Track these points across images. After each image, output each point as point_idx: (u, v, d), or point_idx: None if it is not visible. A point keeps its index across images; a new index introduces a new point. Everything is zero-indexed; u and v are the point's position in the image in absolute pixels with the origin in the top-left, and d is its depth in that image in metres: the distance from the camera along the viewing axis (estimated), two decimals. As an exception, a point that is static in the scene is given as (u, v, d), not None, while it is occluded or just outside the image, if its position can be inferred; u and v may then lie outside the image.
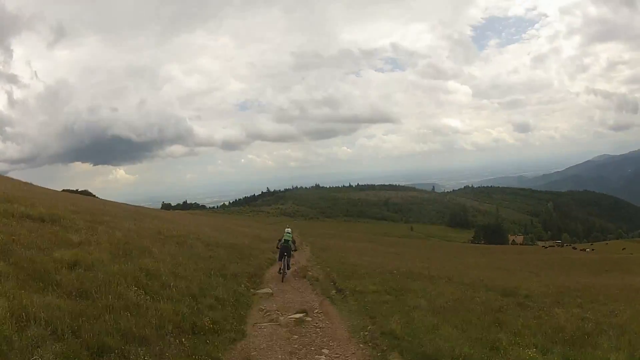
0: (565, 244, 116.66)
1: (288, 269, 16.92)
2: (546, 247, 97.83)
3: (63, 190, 63.91)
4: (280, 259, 17.11)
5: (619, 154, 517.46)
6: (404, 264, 24.88)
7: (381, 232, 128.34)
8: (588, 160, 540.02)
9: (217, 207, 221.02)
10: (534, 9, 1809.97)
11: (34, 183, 37.82)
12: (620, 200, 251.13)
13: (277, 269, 17.17)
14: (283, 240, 17.48)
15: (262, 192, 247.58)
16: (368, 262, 23.88)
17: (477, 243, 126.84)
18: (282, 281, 15.98)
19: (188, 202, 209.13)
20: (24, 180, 37.59)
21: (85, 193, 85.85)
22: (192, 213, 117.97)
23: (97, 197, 67.01)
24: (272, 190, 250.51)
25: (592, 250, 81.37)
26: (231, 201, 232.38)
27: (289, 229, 18.76)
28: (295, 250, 19.21)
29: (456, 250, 68.67)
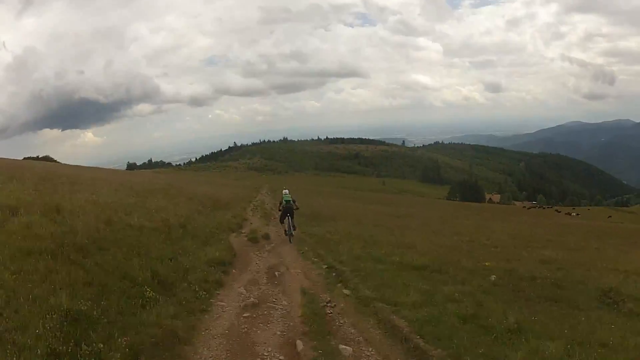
0: (544, 206, 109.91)
1: (294, 229, 16.84)
2: (527, 208, 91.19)
3: (24, 158, 65.38)
4: (282, 221, 17.19)
5: (592, 122, 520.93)
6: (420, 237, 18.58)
7: (352, 186, 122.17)
8: (560, 125, 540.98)
9: (184, 164, 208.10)
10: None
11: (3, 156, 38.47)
12: (593, 167, 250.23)
13: (283, 231, 17.13)
14: (284, 202, 17.44)
15: (229, 146, 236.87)
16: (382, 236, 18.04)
17: (452, 200, 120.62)
18: (290, 242, 16.17)
19: (154, 160, 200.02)
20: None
21: (47, 159, 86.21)
22: (156, 172, 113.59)
23: (58, 162, 68.27)
24: (239, 145, 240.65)
25: (578, 215, 73.89)
26: (197, 157, 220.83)
27: (287, 190, 18.85)
28: (297, 209, 17.92)
29: (446, 209, 58.22)
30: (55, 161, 77.70)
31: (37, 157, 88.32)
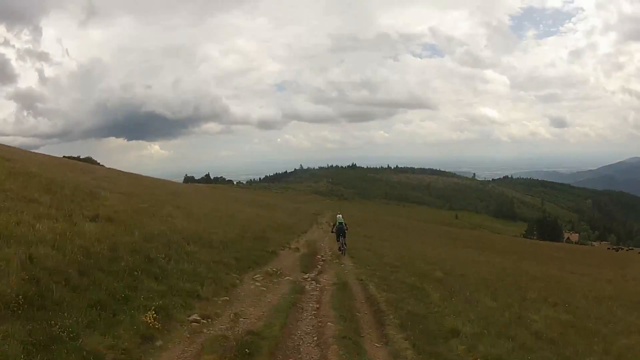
0: (624, 248, 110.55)
1: (345, 246, 21.14)
2: (617, 250, 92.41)
3: (63, 156, 60.08)
4: (338, 239, 21.38)
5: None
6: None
7: (424, 218, 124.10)
8: (620, 161, 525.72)
9: (245, 182, 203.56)
10: (571, 1, 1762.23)
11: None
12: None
13: (337, 247, 21.61)
14: (337, 224, 21.44)
15: (294, 169, 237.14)
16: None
17: (530, 238, 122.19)
18: (344, 255, 20.67)
19: (213, 176, 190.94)
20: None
21: (88, 160, 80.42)
22: (213, 187, 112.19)
23: (102, 166, 63.67)
24: (305, 167, 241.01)
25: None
26: (261, 177, 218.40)
27: (340, 215, 23.18)
28: (347, 229, 21.82)
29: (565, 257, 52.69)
30: (98, 164, 72.77)
31: (79, 157, 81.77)
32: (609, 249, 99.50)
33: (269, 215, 38.87)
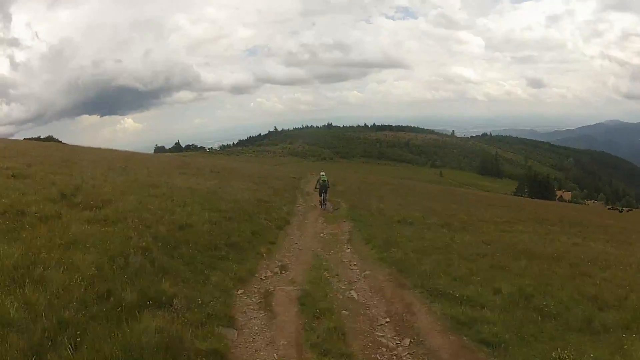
0: (623, 208, 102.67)
1: (326, 202, 23.63)
2: (620, 211, 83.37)
3: (24, 139, 59.43)
4: (320, 195, 23.70)
5: (630, 122, 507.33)
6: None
7: (407, 176, 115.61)
8: (599, 123, 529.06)
9: (220, 147, 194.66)
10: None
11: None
12: (635, 167, 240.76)
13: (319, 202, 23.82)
14: (321, 181, 24.01)
15: (268, 131, 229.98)
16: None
17: (521, 196, 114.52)
18: (324, 209, 22.94)
19: (185, 144, 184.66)
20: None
21: (49, 139, 77.98)
22: (184, 155, 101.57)
23: (65, 144, 57.65)
24: (279, 129, 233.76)
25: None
26: (235, 142, 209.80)
27: (324, 172, 25.63)
28: (329, 187, 24.49)
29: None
30: (60, 142, 69.04)
31: (39, 137, 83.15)
32: (609, 209, 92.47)
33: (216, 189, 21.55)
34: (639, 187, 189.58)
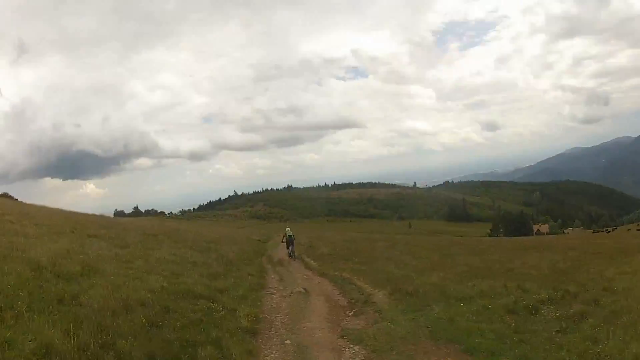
0: (606, 229, 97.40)
1: (294, 254, 24.87)
2: (607, 232, 78.82)
3: None
4: (287, 248, 25.27)
5: (590, 146, 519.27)
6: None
7: (377, 230, 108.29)
8: (560, 154, 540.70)
9: (179, 212, 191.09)
10: (495, 10, 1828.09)
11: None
12: (604, 187, 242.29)
13: (287, 254, 25.05)
14: (287, 236, 25.58)
15: (228, 195, 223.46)
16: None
17: (496, 236, 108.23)
18: (294, 260, 23.89)
19: (144, 209, 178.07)
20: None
21: (5, 196, 70.77)
22: (148, 219, 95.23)
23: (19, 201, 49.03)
24: (239, 193, 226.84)
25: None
26: (194, 207, 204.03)
27: (289, 228, 26.89)
28: (294, 240, 25.81)
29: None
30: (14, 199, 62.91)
31: None
32: (594, 232, 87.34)
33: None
34: (611, 206, 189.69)
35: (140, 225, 31.26)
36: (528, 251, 25.80)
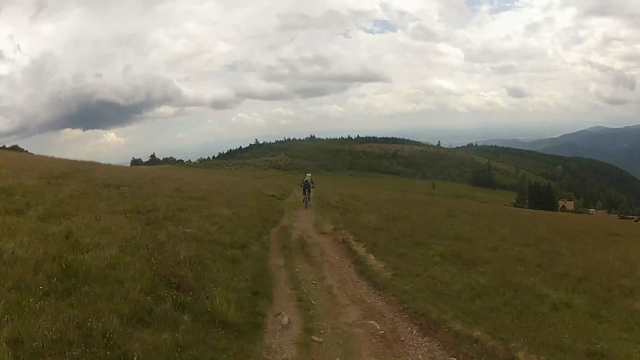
0: (629, 217, 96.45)
1: (309, 200, 24.85)
2: (637, 221, 77.39)
3: None
4: (304, 193, 24.96)
5: (614, 127, 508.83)
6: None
7: (403, 189, 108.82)
8: (583, 130, 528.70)
9: (199, 160, 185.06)
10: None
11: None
12: (625, 172, 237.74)
13: (302, 200, 24.96)
14: (304, 181, 25.48)
15: (250, 144, 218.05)
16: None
17: (521, 207, 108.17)
18: (305, 207, 23.67)
19: (162, 157, 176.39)
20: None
21: (15, 149, 74.95)
22: (160, 168, 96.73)
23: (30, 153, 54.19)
24: (260, 142, 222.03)
25: None
26: (214, 155, 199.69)
27: (309, 174, 27.13)
28: (313, 187, 26.12)
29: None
30: (25, 151, 64.60)
31: (4, 146, 76.78)
32: (620, 218, 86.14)
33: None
34: (629, 193, 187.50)
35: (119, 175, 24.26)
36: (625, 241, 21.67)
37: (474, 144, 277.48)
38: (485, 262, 12.24)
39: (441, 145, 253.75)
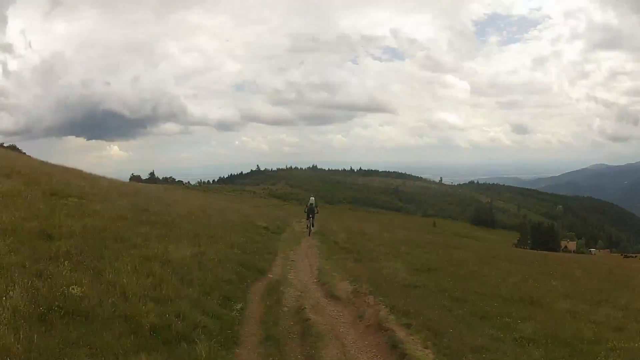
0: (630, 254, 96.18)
1: (312, 227, 24.41)
2: (626, 257, 76.88)
3: None
4: (307, 218, 24.88)
5: (615, 165, 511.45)
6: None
7: (401, 226, 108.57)
8: (584, 168, 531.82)
9: (199, 182, 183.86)
10: (538, 9, 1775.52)
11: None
12: (624, 210, 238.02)
13: (306, 226, 24.72)
14: (309, 204, 25.35)
15: (251, 170, 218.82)
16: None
17: (523, 247, 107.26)
18: (309, 235, 23.33)
19: (163, 177, 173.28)
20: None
21: (12, 148, 69.98)
22: (154, 186, 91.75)
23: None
24: (262, 169, 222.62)
25: None
26: (215, 179, 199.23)
27: (313, 197, 26.58)
28: (318, 212, 25.78)
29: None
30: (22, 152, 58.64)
31: (2, 144, 73.15)
32: (624, 256, 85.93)
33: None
34: (630, 231, 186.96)
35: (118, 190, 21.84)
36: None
37: (475, 182, 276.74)
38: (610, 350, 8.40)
39: (443, 181, 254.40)
